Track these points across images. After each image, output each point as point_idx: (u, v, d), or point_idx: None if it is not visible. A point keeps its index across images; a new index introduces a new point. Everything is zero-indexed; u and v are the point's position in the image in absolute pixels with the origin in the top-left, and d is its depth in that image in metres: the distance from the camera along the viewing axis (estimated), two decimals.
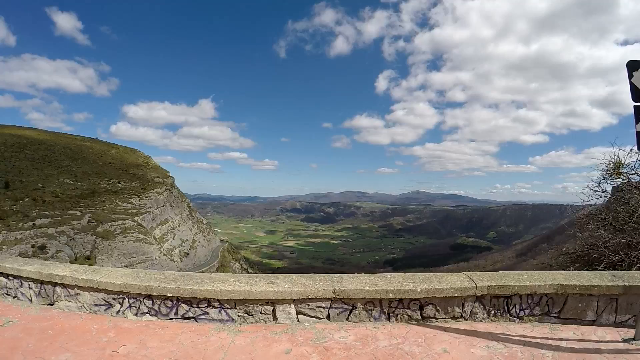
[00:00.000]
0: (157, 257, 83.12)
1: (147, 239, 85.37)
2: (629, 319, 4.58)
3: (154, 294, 4.89)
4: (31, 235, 71.43)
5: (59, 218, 76.99)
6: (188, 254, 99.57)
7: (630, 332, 4.29)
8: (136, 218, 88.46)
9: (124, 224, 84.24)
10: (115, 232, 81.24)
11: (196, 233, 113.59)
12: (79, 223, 78.71)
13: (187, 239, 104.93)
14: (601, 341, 4.21)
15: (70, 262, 61.07)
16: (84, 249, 75.90)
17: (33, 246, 69.57)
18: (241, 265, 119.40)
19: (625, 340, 4.18)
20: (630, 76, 4.17)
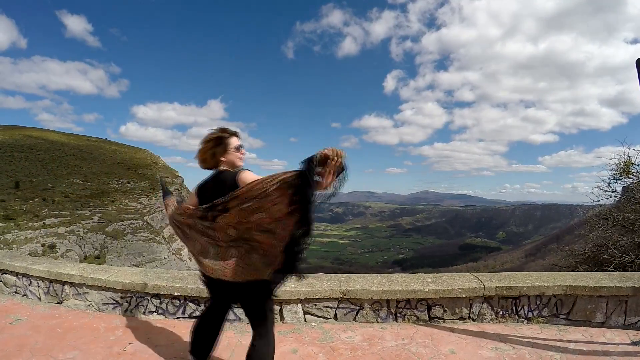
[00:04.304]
0: (166, 257, 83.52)
1: (156, 238, 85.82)
2: (639, 321, 4.53)
3: (162, 293, 4.90)
4: (41, 235, 72.18)
5: (69, 218, 77.74)
6: None
7: None
8: (145, 218, 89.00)
9: (133, 223, 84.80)
10: (125, 232, 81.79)
11: None
12: (89, 223, 79.41)
13: None
14: (610, 343, 4.15)
15: (80, 261, 61.63)
16: (94, 248, 76.54)
17: (43, 245, 70.29)
18: None
19: (634, 343, 4.13)
20: None
